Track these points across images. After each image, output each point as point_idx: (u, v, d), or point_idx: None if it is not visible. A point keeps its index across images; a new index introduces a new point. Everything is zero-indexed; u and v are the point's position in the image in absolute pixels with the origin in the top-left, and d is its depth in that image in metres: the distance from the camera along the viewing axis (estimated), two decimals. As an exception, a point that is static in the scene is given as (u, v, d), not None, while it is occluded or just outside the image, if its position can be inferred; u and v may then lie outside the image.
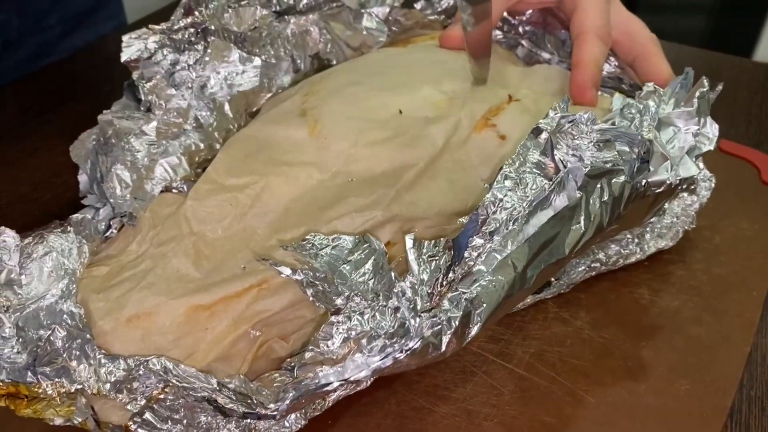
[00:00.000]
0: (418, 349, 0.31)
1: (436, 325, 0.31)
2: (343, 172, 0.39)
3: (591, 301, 0.44)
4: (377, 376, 0.33)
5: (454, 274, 0.32)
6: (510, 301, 0.33)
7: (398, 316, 0.31)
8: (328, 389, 0.31)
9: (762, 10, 1.40)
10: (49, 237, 0.35)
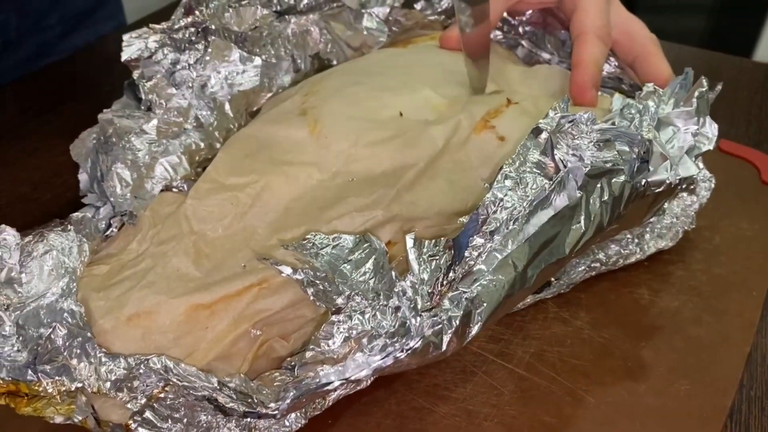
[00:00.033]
0: (418, 349, 0.31)
1: (436, 324, 0.31)
2: (343, 171, 0.39)
3: (591, 301, 0.44)
4: (378, 376, 0.33)
5: (454, 273, 0.32)
6: (510, 300, 0.34)
7: (399, 315, 0.31)
8: (329, 388, 0.31)
9: (762, 10, 1.40)
10: (50, 235, 0.35)
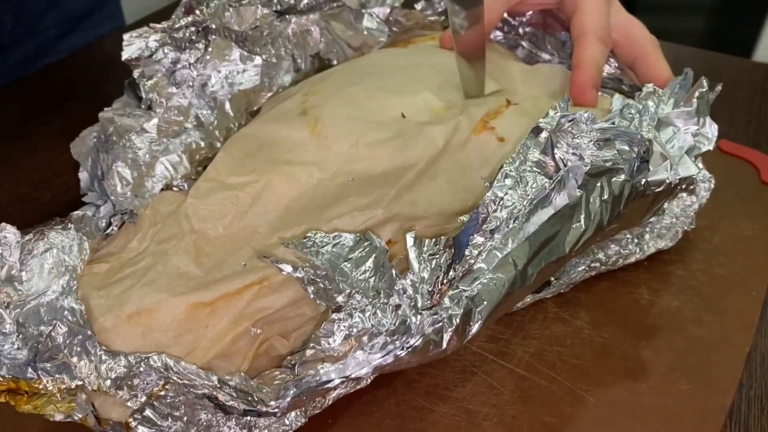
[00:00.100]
0: (419, 347, 0.31)
1: (437, 322, 0.31)
2: (343, 171, 0.39)
3: (591, 301, 0.44)
4: (378, 374, 0.33)
5: (454, 272, 0.32)
6: (510, 299, 0.34)
7: (399, 313, 0.31)
8: (329, 386, 0.31)
9: (762, 10, 1.40)
10: (50, 234, 0.35)
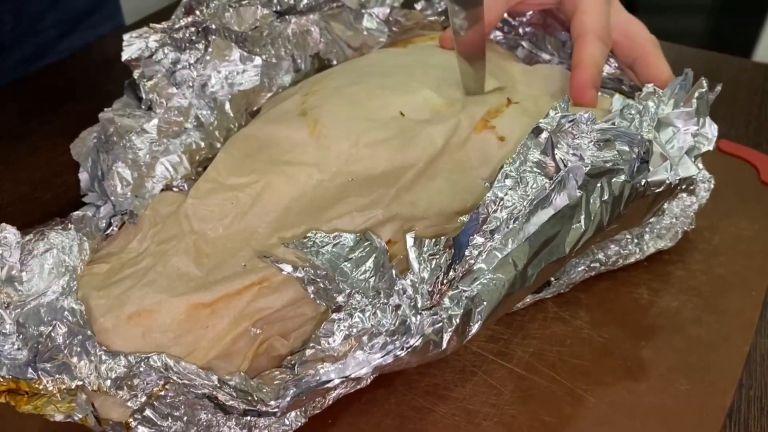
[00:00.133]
0: (419, 347, 0.31)
1: (436, 322, 0.31)
2: (343, 171, 0.39)
3: (591, 301, 0.44)
4: (378, 374, 0.33)
5: (454, 272, 0.32)
6: (510, 299, 0.34)
7: (399, 313, 0.31)
8: (329, 386, 0.31)
9: (762, 11, 1.40)
10: (50, 234, 0.35)
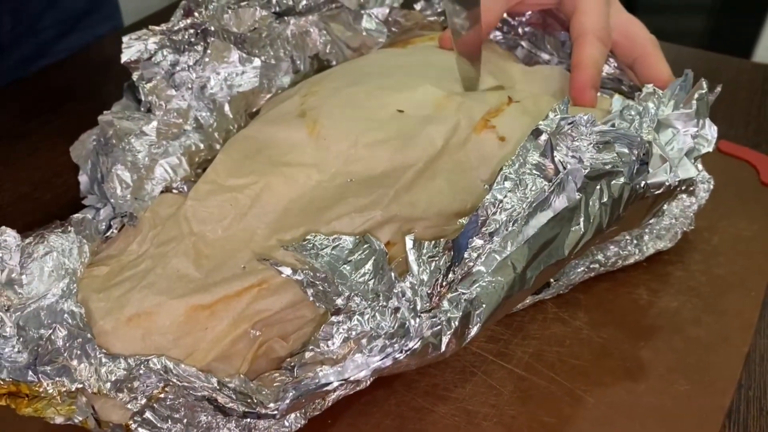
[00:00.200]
0: (417, 350, 0.31)
1: (435, 325, 0.31)
2: (342, 172, 0.39)
3: (590, 302, 0.44)
4: (377, 376, 0.33)
5: (453, 274, 0.32)
6: (509, 301, 0.34)
7: (398, 316, 0.31)
8: (328, 389, 0.31)
9: (761, 11, 1.40)
10: (50, 237, 0.35)
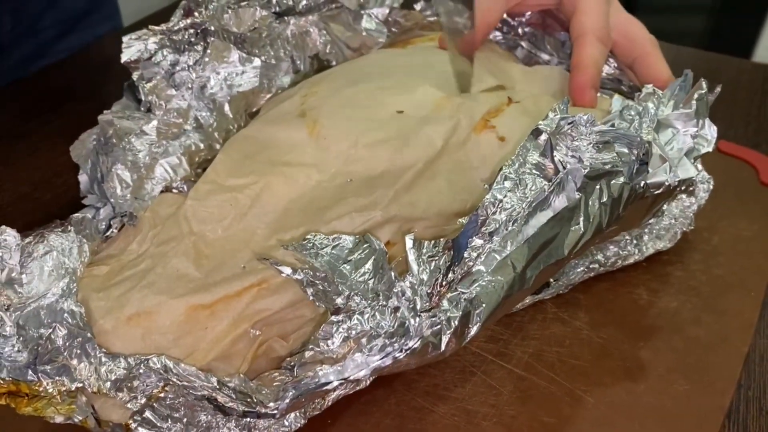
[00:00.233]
0: (417, 349, 0.31)
1: (435, 324, 0.31)
2: (342, 172, 0.39)
3: (590, 302, 0.44)
4: (377, 376, 0.33)
5: (453, 274, 0.32)
6: (509, 301, 0.34)
7: (398, 315, 0.31)
8: (328, 388, 0.31)
9: (762, 11, 1.40)
10: (50, 236, 0.35)
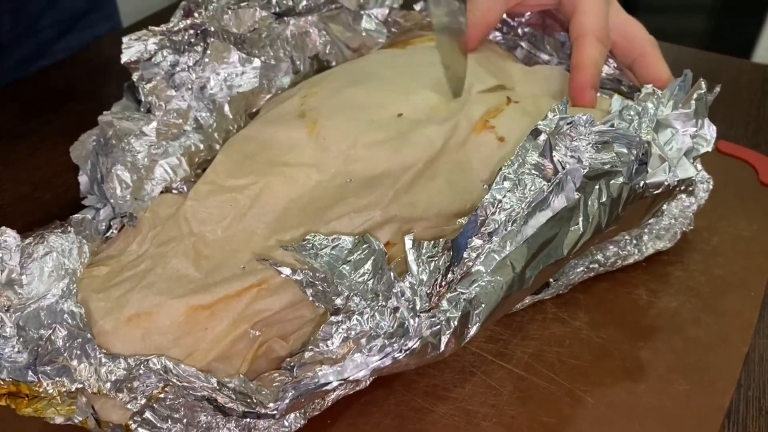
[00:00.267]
0: (417, 349, 0.31)
1: (435, 325, 0.31)
2: (341, 172, 0.39)
3: (589, 302, 0.44)
4: (376, 376, 0.33)
5: (453, 274, 0.32)
6: (509, 301, 0.34)
7: (397, 316, 0.31)
8: (328, 389, 0.31)
9: (762, 11, 1.40)
10: (50, 237, 0.35)
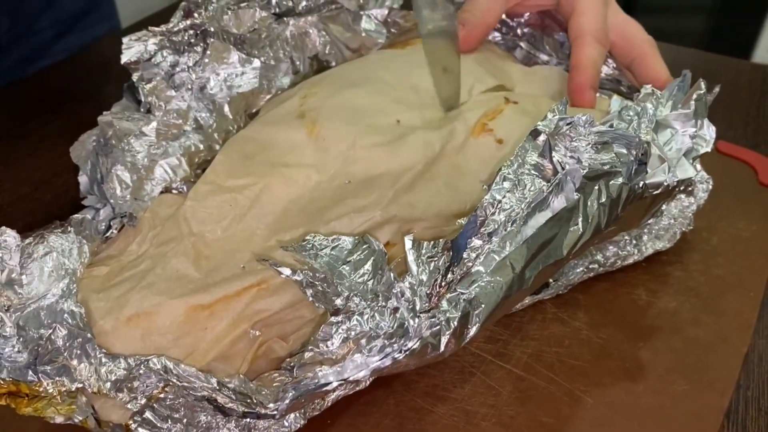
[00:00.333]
0: (416, 350, 0.31)
1: (434, 325, 0.31)
2: (341, 173, 0.39)
3: (589, 302, 0.44)
4: (376, 376, 0.33)
5: (452, 275, 0.32)
6: (508, 301, 0.34)
7: (397, 316, 0.31)
8: (328, 389, 0.31)
9: (761, 11, 1.41)
10: (50, 237, 0.35)
